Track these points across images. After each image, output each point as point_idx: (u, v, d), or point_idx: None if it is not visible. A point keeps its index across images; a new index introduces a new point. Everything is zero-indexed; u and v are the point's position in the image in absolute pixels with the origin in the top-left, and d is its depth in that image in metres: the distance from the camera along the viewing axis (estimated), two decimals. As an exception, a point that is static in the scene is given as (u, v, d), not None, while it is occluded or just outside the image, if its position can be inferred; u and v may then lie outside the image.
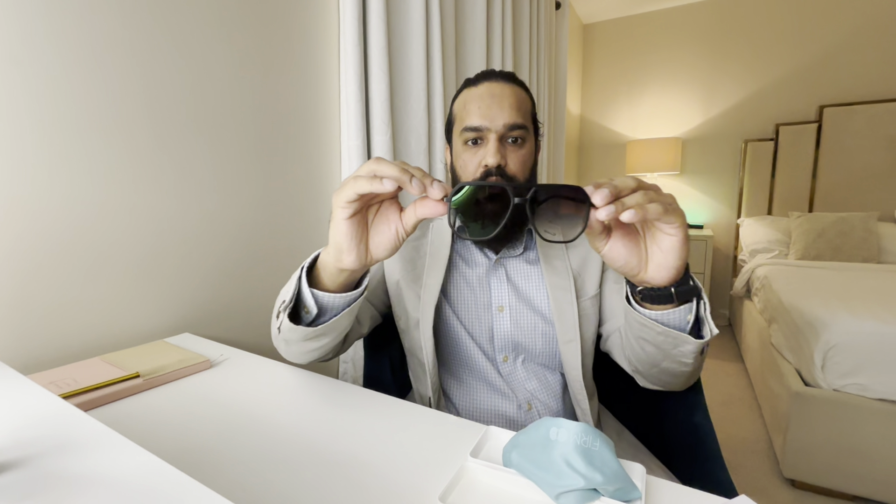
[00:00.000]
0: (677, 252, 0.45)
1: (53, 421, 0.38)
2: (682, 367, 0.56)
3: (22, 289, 0.67)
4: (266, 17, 1.00)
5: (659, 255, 0.46)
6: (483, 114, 0.67)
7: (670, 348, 0.54)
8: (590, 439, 0.42)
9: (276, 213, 1.06)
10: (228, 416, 0.57)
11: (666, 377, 0.61)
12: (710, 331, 0.51)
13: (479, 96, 0.68)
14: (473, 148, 0.68)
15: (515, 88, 0.70)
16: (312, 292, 0.54)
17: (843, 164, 2.68)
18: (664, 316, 0.51)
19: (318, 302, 0.54)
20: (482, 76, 0.71)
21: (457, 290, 0.75)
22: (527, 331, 0.72)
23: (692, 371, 0.57)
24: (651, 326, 0.52)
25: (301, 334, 0.56)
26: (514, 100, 0.68)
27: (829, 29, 2.78)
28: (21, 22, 0.64)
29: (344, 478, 0.45)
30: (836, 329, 1.41)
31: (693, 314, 0.51)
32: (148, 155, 0.81)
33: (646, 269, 0.48)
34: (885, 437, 1.36)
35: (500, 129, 0.67)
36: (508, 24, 1.86)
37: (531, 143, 0.71)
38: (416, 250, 0.77)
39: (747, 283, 2.52)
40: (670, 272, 0.47)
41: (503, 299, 0.73)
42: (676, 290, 0.49)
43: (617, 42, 3.40)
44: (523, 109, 0.69)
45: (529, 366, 0.73)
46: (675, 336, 0.52)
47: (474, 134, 0.67)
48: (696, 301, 0.51)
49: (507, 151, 0.68)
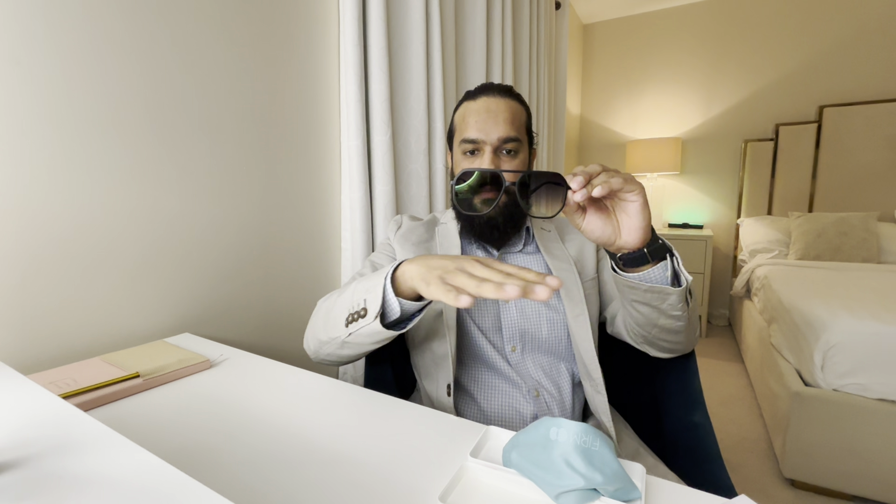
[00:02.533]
0: (640, 213, 0.55)
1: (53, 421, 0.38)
2: (676, 321, 0.64)
3: (22, 289, 0.67)
4: (266, 18, 1.00)
5: (627, 220, 0.56)
6: (480, 127, 0.74)
7: (659, 303, 0.62)
8: (590, 439, 0.42)
9: (276, 212, 1.06)
10: (228, 416, 0.57)
11: (668, 336, 0.68)
12: (685, 279, 0.60)
13: (477, 110, 0.75)
14: (471, 157, 0.76)
15: (511, 102, 0.76)
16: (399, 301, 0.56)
17: (842, 164, 2.68)
18: (646, 275, 0.60)
19: (402, 308, 0.57)
20: (480, 90, 0.78)
21: None
22: (532, 318, 0.76)
23: (686, 325, 0.66)
24: (637, 286, 0.61)
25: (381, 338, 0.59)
26: (508, 114, 0.74)
27: (829, 29, 2.78)
28: (21, 22, 0.64)
29: (344, 477, 0.45)
30: (836, 329, 1.41)
31: (670, 270, 0.60)
32: (148, 155, 0.81)
33: (620, 236, 0.57)
34: (885, 437, 1.36)
35: (495, 142, 0.73)
36: (508, 25, 1.86)
37: (525, 153, 0.78)
38: (427, 251, 0.83)
39: (747, 283, 2.52)
40: (639, 233, 0.56)
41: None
42: (648, 249, 0.58)
43: (617, 42, 3.40)
44: (517, 122, 0.76)
45: (536, 354, 0.77)
46: (659, 290, 0.60)
47: (472, 146, 0.75)
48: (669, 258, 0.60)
49: (502, 162, 0.75)
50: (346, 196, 1.19)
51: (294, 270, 1.11)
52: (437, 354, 0.77)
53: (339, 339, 0.62)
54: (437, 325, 0.77)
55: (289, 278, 1.10)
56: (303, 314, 1.14)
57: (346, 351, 0.65)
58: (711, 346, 2.82)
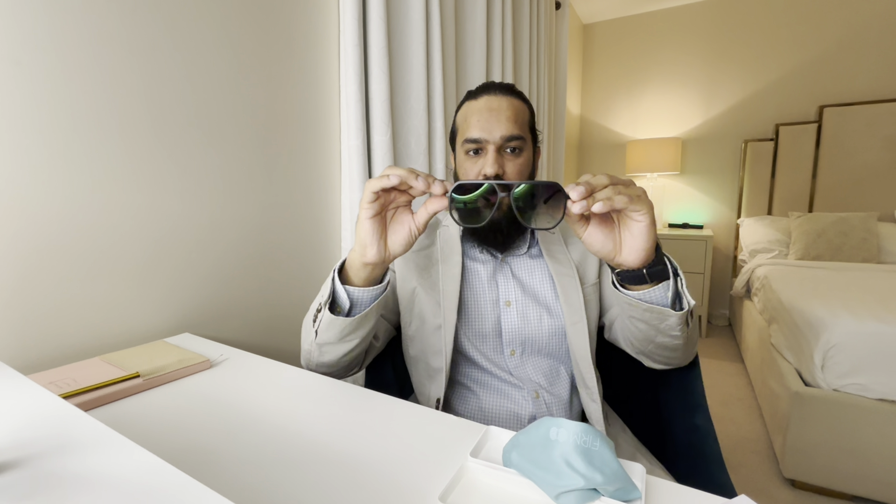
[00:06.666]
0: (644, 234, 0.52)
1: (53, 421, 0.38)
2: (673, 339, 0.63)
3: (22, 289, 0.67)
4: (266, 18, 1.00)
5: (630, 239, 0.53)
6: (482, 127, 0.72)
7: (658, 323, 0.60)
8: (590, 439, 0.42)
9: (276, 212, 1.06)
10: (228, 416, 0.57)
11: (664, 352, 0.67)
12: (687, 303, 0.59)
13: (479, 110, 0.74)
14: (474, 157, 0.74)
15: (513, 101, 0.75)
16: (346, 288, 0.61)
17: (842, 164, 2.68)
18: (646, 294, 0.58)
19: (350, 296, 0.61)
20: (482, 89, 0.76)
21: (469, 289, 0.79)
22: (533, 323, 0.76)
23: (684, 343, 0.65)
24: (636, 305, 0.59)
25: (338, 329, 0.62)
26: (510, 112, 0.73)
27: (829, 29, 2.78)
28: (21, 22, 0.64)
29: (344, 477, 0.45)
30: (836, 329, 1.41)
31: (672, 290, 0.58)
32: (148, 155, 0.81)
33: (620, 253, 0.55)
34: (885, 437, 1.36)
35: (498, 141, 0.72)
36: (508, 25, 1.86)
37: (529, 151, 0.76)
38: (428, 258, 0.81)
39: (747, 283, 2.52)
40: (640, 254, 0.53)
41: (510, 294, 0.77)
42: (648, 271, 0.56)
43: (617, 42, 3.40)
44: (520, 121, 0.74)
45: (536, 358, 0.77)
46: (658, 311, 0.58)
47: (474, 145, 0.74)
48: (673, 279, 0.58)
49: (505, 161, 0.73)
50: (346, 196, 1.19)
51: (294, 270, 1.11)
52: (431, 368, 0.76)
53: (313, 342, 0.65)
54: (433, 340, 0.76)
55: (289, 278, 1.10)
56: (302, 314, 1.14)
57: (325, 356, 0.67)
58: (711, 346, 2.82)
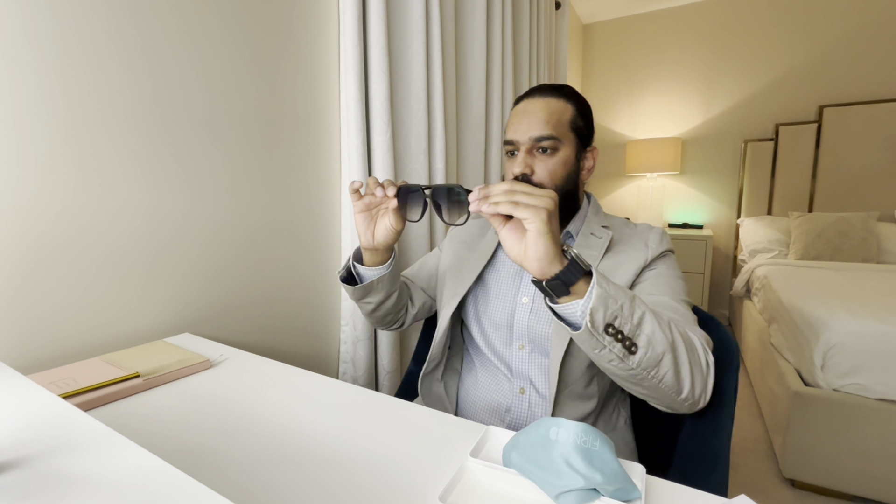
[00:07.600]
0: (535, 241, 0.51)
1: (53, 421, 0.38)
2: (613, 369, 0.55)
3: (22, 289, 0.67)
4: (266, 18, 1.00)
5: (528, 246, 0.52)
6: (514, 129, 0.76)
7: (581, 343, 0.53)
8: (590, 439, 0.42)
9: (277, 212, 1.06)
10: (228, 417, 0.57)
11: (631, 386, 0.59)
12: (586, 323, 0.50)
13: (516, 113, 0.77)
14: (512, 158, 0.78)
15: (552, 101, 0.76)
16: (353, 265, 0.79)
17: (842, 164, 2.68)
18: (562, 309, 0.53)
19: (357, 272, 0.80)
20: (528, 92, 0.79)
21: (496, 276, 0.83)
22: (544, 320, 0.77)
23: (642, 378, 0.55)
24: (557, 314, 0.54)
25: (351, 294, 0.81)
26: (544, 114, 0.74)
27: (828, 29, 2.78)
28: (22, 21, 0.64)
29: (344, 477, 0.45)
30: (836, 329, 1.41)
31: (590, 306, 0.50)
32: (148, 155, 0.81)
33: (526, 259, 0.53)
34: (885, 437, 1.36)
35: (528, 143, 0.74)
36: (508, 24, 1.86)
37: (567, 150, 0.76)
38: (471, 248, 0.87)
39: (747, 283, 2.52)
40: (533, 263, 0.52)
41: (529, 292, 0.79)
42: (546, 283, 0.52)
43: (617, 42, 3.40)
44: (554, 120, 0.74)
45: (541, 357, 0.77)
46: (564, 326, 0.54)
47: (510, 147, 0.77)
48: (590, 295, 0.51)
49: (536, 161, 0.75)
50: (346, 196, 1.19)
51: (294, 270, 1.11)
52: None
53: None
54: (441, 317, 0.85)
55: (289, 278, 1.10)
56: (302, 314, 1.14)
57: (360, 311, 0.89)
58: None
